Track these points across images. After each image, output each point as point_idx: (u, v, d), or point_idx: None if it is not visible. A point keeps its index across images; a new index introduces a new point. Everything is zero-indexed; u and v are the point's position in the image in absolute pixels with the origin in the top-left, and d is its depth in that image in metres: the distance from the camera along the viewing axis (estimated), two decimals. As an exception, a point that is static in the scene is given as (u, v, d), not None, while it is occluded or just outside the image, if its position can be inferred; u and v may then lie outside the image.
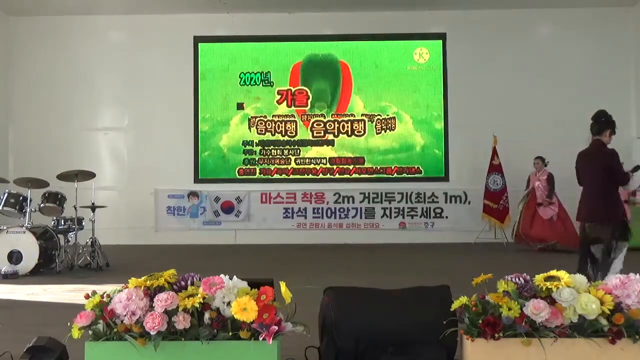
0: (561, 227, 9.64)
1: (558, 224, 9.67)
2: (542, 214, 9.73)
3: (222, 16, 11.47)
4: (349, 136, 11.46)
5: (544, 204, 9.75)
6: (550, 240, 9.58)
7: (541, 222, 9.72)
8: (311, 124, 11.47)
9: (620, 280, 2.65)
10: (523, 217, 9.87)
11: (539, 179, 9.96)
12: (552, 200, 9.73)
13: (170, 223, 11.35)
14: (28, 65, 11.59)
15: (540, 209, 9.77)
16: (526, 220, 9.85)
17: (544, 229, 9.67)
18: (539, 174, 10.00)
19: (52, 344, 2.95)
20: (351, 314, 2.82)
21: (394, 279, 6.66)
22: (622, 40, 11.23)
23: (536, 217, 9.76)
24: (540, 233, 9.69)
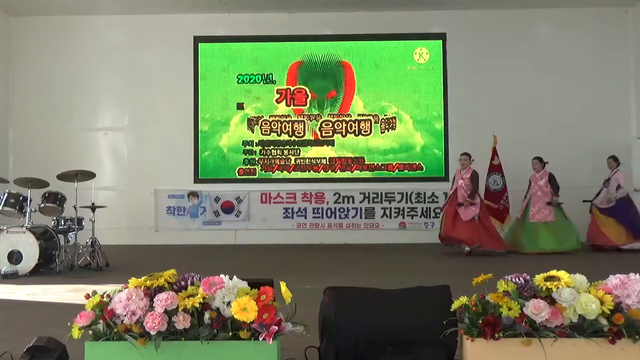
0: (482, 230, 9.15)
1: (479, 226, 9.16)
2: (463, 215, 9.14)
3: (222, 16, 11.47)
4: (352, 136, 11.45)
5: (465, 204, 9.18)
6: (473, 244, 9.04)
7: (462, 224, 9.12)
8: (311, 124, 11.47)
9: (620, 280, 2.65)
10: (445, 217, 9.37)
11: (462, 177, 9.42)
12: (474, 201, 9.18)
13: (170, 223, 11.34)
14: (28, 65, 11.59)
15: (461, 210, 9.19)
16: (448, 221, 9.28)
17: (465, 231, 9.08)
18: (463, 172, 9.46)
19: (52, 344, 2.95)
20: (351, 314, 2.82)
21: (394, 279, 6.66)
22: (622, 40, 11.23)
23: (457, 219, 9.19)
24: (462, 236, 9.10)
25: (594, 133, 11.02)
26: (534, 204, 9.64)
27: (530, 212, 9.63)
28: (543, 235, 9.38)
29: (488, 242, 9.09)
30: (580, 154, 10.98)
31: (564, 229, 9.48)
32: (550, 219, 9.49)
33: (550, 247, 9.20)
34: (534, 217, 9.56)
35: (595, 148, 10.98)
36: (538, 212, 9.56)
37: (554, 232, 9.41)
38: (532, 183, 9.83)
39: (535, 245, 9.36)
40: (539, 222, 9.50)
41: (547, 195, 9.58)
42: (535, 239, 9.43)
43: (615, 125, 11.16)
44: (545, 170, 9.76)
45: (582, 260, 8.39)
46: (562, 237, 9.40)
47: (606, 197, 9.78)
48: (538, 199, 9.63)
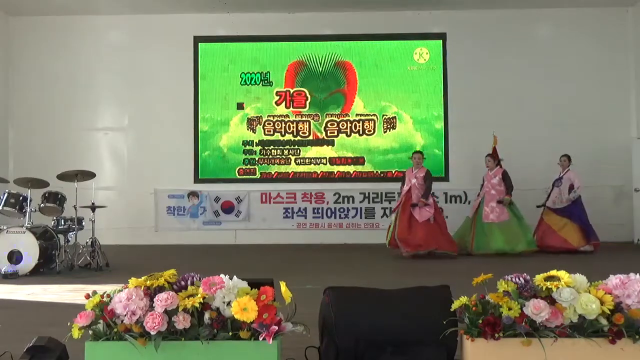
0: (437, 231, 8.77)
1: (434, 228, 8.77)
2: (418, 216, 8.73)
3: (222, 16, 11.47)
4: (355, 136, 11.44)
5: (419, 204, 8.80)
6: (427, 248, 8.65)
7: (417, 226, 8.71)
8: (315, 124, 11.47)
9: (620, 280, 2.65)
10: (399, 220, 8.86)
11: (415, 176, 9.02)
12: (427, 201, 8.83)
13: (170, 223, 11.35)
14: (28, 65, 11.60)
15: (416, 211, 8.79)
16: (402, 224, 8.79)
17: (421, 234, 8.66)
18: (415, 171, 9.07)
19: (52, 344, 2.95)
20: (351, 314, 2.82)
21: (394, 279, 6.66)
22: (622, 40, 11.24)
23: (412, 221, 8.76)
24: (417, 239, 8.66)
25: (594, 133, 11.03)
26: (487, 203, 9.26)
27: (483, 212, 9.25)
28: (496, 236, 8.99)
29: (443, 244, 8.74)
30: (580, 154, 10.96)
31: (517, 230, 9.08)
32: (503, 219, 9.11)
33: (502, 249, 8.87)
34: (488, 217, 9.17)
35: (595, 148, 11.00)
36: (492, 212, 9.18)
37: (507, 232, 9.01)
38: (485, 181, 9.48)
39: (487, 246, 8.98)
40: (493, 223, 9.10)
41: (501, 194, 9.21)
42: (487, 240, 9.04)
43: (615, 125, 11.17)
44: (499, 168, 9.41)
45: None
46: (515, 238, 9.01)
47: (559, 197, 9.46)
48: (491, 198, 9.25)
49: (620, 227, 10.54)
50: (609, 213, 10.76)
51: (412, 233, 8.71)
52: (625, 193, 10.84)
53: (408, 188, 9.00)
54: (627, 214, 10.63)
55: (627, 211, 10.65)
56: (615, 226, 10.58)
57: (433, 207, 8.90)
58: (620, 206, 10.88)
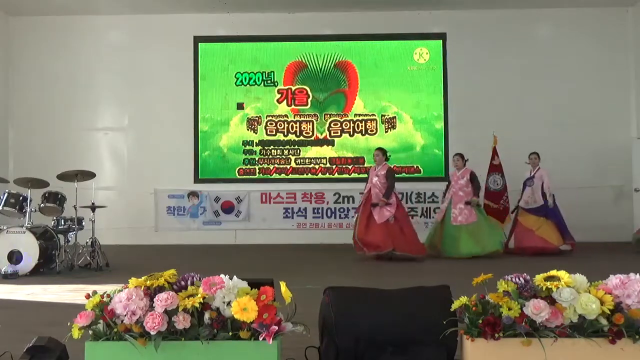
0: (397, 232, 8.37)
1: (394, 228, 8.38)
2: (377, 216, 8.36)
3: (222, 16, 11.47)
4: (358, 135, 11.45)
5: (380, 204, 8.41)
6: (385, 249, 8.26)
7: (375, 227, 8.33)
8: (317, 124, 11.48)
9: (620, 280, 2.65)
10: (359, 220, 8.58)
11: (377, 174, 8.64)
12: (389, 201, 8.43)
13: (170, 223, 11.35)
14: (28, 65, 11.60)
15: (375, 211, 8.41)
16: (362, 224, 8.46)
17: (378, 234, 8.30)
18: (378, 169, 8.71)
19: (52, 344, 2.95)
20: (351, 314, 2.82)
21: (394, 279, 6.66)
22: (622, 40, 11.24)
23: (371, 221, 8.39)
24: (375, 239, 8.30)
25: (594, 133, 11.03)
26: (455, 205, 9.00)
27: (452, 214, 9.00)
28: (464, 239, 8.74)
29: (403, 246, 8.32)
30: (580, 154, 10.99)
31: (486, 231, 8.87)
32: (472, 220, 8.86)
33: (472, 252, 8.63)
34: (457, 220, 8.90)
35: (595, 148, 11.00)
36: (460, 214, 8.92)
37: (476, 234, 8.78)
38: (452, 182, 9.27)
39: (456, 250, 8.73)
40: (461, 225, 8.84)
41: (469, 196, 8.98)
42: (456, 243, 8.79)
43: (615, 125, 11.17)
44: (467, 168, 9.17)
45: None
46: (484, 240, 8.78)
47: (531, 197, 9.23)
48: (459, 200, 8.99)
49: (620, 227, 10.53)
50: (609, 213, 10.77)
51: (370, 234, 8.35)
52: (625, 193, 10.84)
53: (369, 186, 8.68)
54: (627, 214, 10.63)
55: (627, 211, 10.65)
56: (615, 226, 10.58)
57: (395, 206, 8.46)
58: (620, 206, 10.88)
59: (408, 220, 8.89)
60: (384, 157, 8.75)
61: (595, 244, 9.97)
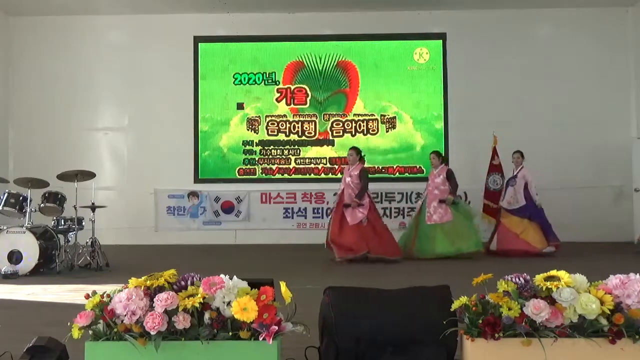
0: (371, 233, 8.11)
1: (367, 230, 8.12)
2: (349, 217, 8.11)
3: (222, 16, 11.47)
4: (359, 135, 11.45)
5: (352, 205, 8.15)
6: (359, 252, 8.01)
7: (348, 229, 8.07)
8: (313, 124, 11.48)
9: (620, 280, 2.65)
10: (332, 221, 8.34)
11: (350, 174, 8.39)
12: (362, 201, 8.18)
13: (170, 223, 11.35)
14: (28, 65, 11.60)
15: (348, 212, 8.16)
16: (335, 226, 8.20)
17: (351, 236, 8.04)
18: (351, 169, 8.44)
19: (52, 344, 2.95)
20: (351, 314, 2.82)
21: (394, 279, 6.66)
22: (622, 40, 11.24)
23: (344, 223, 8.13)
24: (348, 242, 8.05)
25: (594, 133, 11.03)
26: (429, 203, 8.77)
27: (426, 213, 8.75)
28: (440, 239, 8.51)
29: (378, 248, 8.06)
30: (580, 154, 10.99)
31: (462, 230, 8.61)
32: (447, 219, 8.62)
33: (447, 252, 8.43)
34: (431, 219, 8.67)
35: (595, 148, 11.00)
36: (435, 213, 8.68)
37: (451, 234, 8.54)
38: (429, 180, 9.01)
39: (432, 250, 8.51)
40: (436, 224, 8.60)
41: (444, 194, 8.71)
42: (431, 243, 8.55)
43: (615, 125, 11.17)
44: (444, 166, 8.95)
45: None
46: (459, 238, 8.53)
47: (514, 197, 9.03)
48: (434, 198, 8.75)
49: (620, 227, 10.54)
50: (609, 213, 10.78)
51: (343, 236, 8.09)
52: (625, 193, 10.83)
53: (343, 187, 8.45)
54: (627, 214, 10.62)
55: (627, 211, 10.64)
56: (615, 226, 10.58)
57: (367, 207, 8.20)
58: (620, 206, 10.87)
59: (381, 221, 8.61)
60: (358, 157, 8.50)
61: (595, 244, 9.98)
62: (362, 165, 8.58)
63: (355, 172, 8.40)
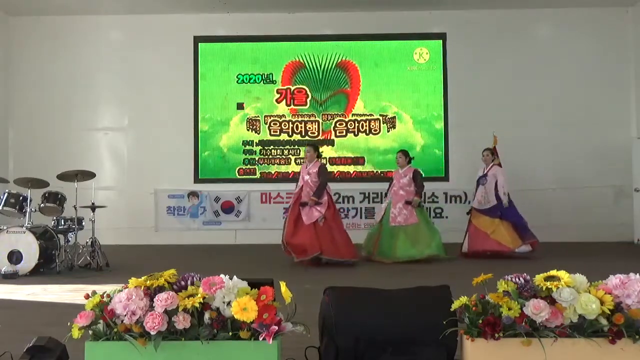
0: (326, 234, 7.72)
1: (323, 230, 7.72)
2: (305, 217, 7.73)
3: (222, 16, 11.47)
4: (352, 136, 11.44)
5: (310, 203, 7.78)
6: (312, 253, 7.61)
7: (303, 228, 7.70)
8: (314, 124, 11.48)
9: (620, 280, 2.65)
10: (287, 220, 7.98)
11: (309, 172, 8.03)
12: (320, 200, 7.80)
13: (170, 223, 11.35)
14: (28, 65, 11.59)
15: (304, 211, 7.78)
16: (290, 225, 7.84)
17: (305, 236, 7.66)
18: (309, 166, 8.09)
19: (52, 344, 2.95)
20: (351, 314, 2.82)
21: (394, 279, 6.66)
22: (622, 40, 11.23)
23: (299, 222, 7.75)
24: (302, 242, 7.65)
25: (594, 133, 11.03)
26: (395, 204, 8.43)
27: (390, 214, 8.40)
28: (402, 241, 8.21)
29: (332, 250, 7.69)
30: (580, 154, 10.99)
31: (425, 233, 8.34)
32: (412, 222, 8.30)
33: (408, 255, 8.11)
34: (395, 221, 8.33)
35: (595, 148, 11.00)
36: (399, 214, 8.35)
37: (415, 236, 8.25)
38: (394, 180, 8.69)
39: (393, 252, 8.20)
40: (399, 226, 8.29)
41: (410, 195, 8.40)
42: (393, 245, 8.23)
43: (615, 125, 11.17)
44: (410, 167, 8.66)
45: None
46: (423, 243, 8.23)
47: (484, 196, 8.75)
48: (399, 199, 8.43)
49: (620, 227, 10.54)
50: (609, 213, 10.77)
51: (297, 236, 7.73)
52: (625, 193, 10.84)
53: (301, 185, 8.11)
54: (627, 214, 10.63)
55: (627, 211, 10.64)
56: (615, 226, 10.58)
57: (326, 206, 7.83)
58: (620, 206, 10.87)
59: (339, 221, 8.19)
60: (316, 154, 8.21)
61: (595, 244, 9.98)
62: (321, 161, 8.35)
63: (314, 170, 8.06)
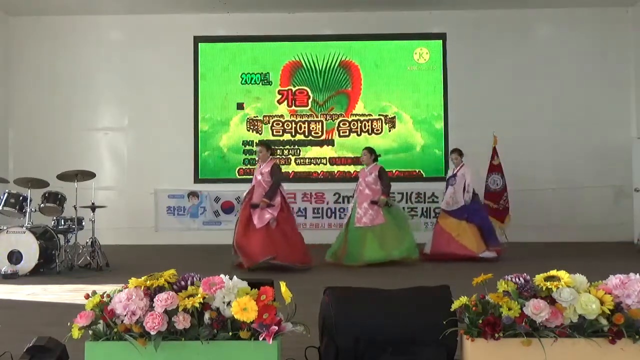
0: (279, 237, 7.30)
1: (276, 233, 7.31)
2: (256, 219, 7.31)
3: (222, 16, 11.47)
4: (358, 136, 11.44)
5: (261, 205, 7.35)
6: (263, 257, 7.13)
7: (254, 231, 7.29)
8: (311, 124, 11.48)
9: (620, 280, 2.65)
10: (238, 223, 7.61)
11: (262, 171, 7.62)
12: (272, 202, 7.39)
13: (170, 223, 11.34)
14: (28, 65, 11.59)
15: (255, 213, 7.37)
16: (241, 228, 7.44)
17: (256, 240, 7.23)
18: (262, 166, 7.67)
19: (52, 344, 2.95)
20: (351, 314, 2.82)
21: (394, 279, 6.66)
22: (622, 40, 11.23)
23: (250, 225, 7.34)
24: (253, 246, 7.23)
25: (594, 133, 11.03)
26: (360, 204, 8.06)
27: (356, 215, 8.02)
28: (369, 243, 7.79)
29: (285, 255, 7.22)
30: (580, 154, 10.99)
31: (394, 234, 7.95)
32: (378, 222, 7.92)
33: (376, 257, 7.72)
34: (360, 221, 7.94)
35: (595, 148, 11.00)
36: (365, 215, 7.97)
37: (382, 238, 7.85)
38: (359, 179, 8.35)
39: (360, 255, 7.79)
40: (366, 227, 7.91)
41: (376, 194, 8.02)
42: (360, 248, 7.82)
43: (615, 125, 11.16)
44: (376, 164, 8.30)
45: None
46: (391, 244, 7.83)
47: (453, 197, 8.46)
48: (365, 199, 8.05)
49: (620, 227, 10.54)
50: (609, 213, 10.78)
51: (248, 239, 7.30)
52: (625, 193, 10.83)
53: (253, 185, 7.72)
54: (627, 214, 10.62)
55: (627, 211, 10.64)
56: (615, 226, 10.58)
57: (278, 208, 7.41)
58: (620, 206, 10.87)
59: (293, 224, 7.73)
60: (269, 153, 7.81)
61: (595, 244, 9.98)
62: (274, 161, 7.91)
63: (266, 169, 7.64)
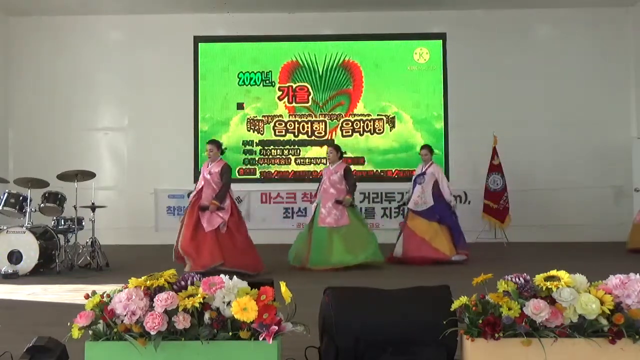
0: (229, 242, 6.94)
1: (225, 238, 6.95)
2: (205, 223, 6.92)
3: (222, 16, 11.47)
4: (360, 135, 11.46)
5: (211, 208, 6.94)
6: (213, 263, 6.71)
7: (203, 235, 6.90)
8: (311, 124, 11.48)
9: (620, 280, 2.65)
10: (184, 225, 7.10)
11: (210, 171, 7.18)
12: (222, 204, 6.99)
13: (170, 223, 11.29)
14: (28, 66, 11.59)
15: (204, 216, 6.95)
16: (188, 231, 6.96)
17: (205, 244, 6.83)
18: (211, 166, 7.23)
19: (52, 344, 2.95)
20: (351, 314, 2.82)
21: (394, 279, 6.66)
22: (622, 40, 11.23)
23: (199, 229, 6.95)
24: (201, 252, 6.82)
25: (594, 133, 11.03)
26: (324, 204, 7.71)
27: (319, 214, 7.68)
28: (335, 245, 7.48)
29: (235, 260, 6.83)
30: (581, 154, 10.99)
31: (359, 236, 7.65)
32: (343, 223, 7.59)
33: (343, 261, 7.41)
34: (324, 221, 7.59)
35: (595, 148, 11.01)
36: (329, 215, 7.63)
37: (348, 239, 7.53)
38: (324, 177, 7.98)
39: (326, 258, 7.44)
40: (331, 228, 7.57)
41: (341, 194, 7.70)
42: (327, 251, 7.48)
43: (615, 125, 11.17)
44: (342, 163, 8.02)
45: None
46: (359, 247, 7.53)
47: (421, 196, 8.09)
48: (329, 198, 7.71)
49: (620, 227, 10.52)
50: (609, 213, 10.77)
51: (196, 244, 6.87)
52: (625, 193, 10.84)
53: (201, 186, 7.25)
54: (627, 214, 10.61)
55: (627, 211, 10.63)
56: (615, 226, 10.56)
57: (229, 212, 7.03)
58: (620, 206, 10.87)
59: (243, 229, 7.28)
60: (219, 152, 7.37)
61: (595, 244, 9.98)
62: (225, 162, 7.39)
63: (215, 169, 7.18)
